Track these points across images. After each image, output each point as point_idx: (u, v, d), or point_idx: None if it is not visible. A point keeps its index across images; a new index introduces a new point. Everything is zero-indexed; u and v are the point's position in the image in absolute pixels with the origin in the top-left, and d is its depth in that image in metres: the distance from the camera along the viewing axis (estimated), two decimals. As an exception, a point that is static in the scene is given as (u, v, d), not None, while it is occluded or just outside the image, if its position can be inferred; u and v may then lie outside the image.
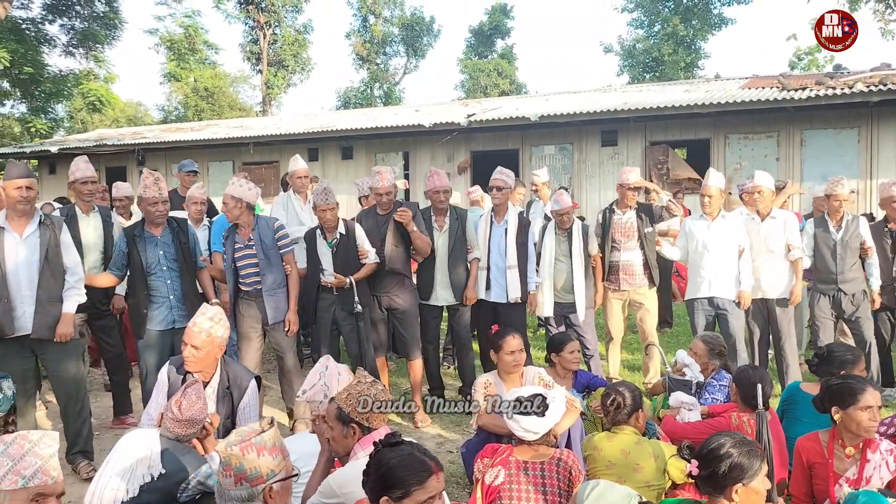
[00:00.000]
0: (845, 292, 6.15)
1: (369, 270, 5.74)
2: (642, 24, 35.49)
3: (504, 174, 6.21)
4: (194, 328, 3.86)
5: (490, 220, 6.27)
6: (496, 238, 6.20)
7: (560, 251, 6.34)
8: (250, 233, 5.32)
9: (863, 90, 12.11)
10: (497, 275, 6.17)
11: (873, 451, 3.24)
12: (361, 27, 39.94)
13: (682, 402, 4.31)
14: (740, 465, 2.56)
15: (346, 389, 2.97)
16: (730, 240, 6.12)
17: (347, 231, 5.71)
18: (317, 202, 5.64)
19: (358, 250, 5.70)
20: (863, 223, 6.23)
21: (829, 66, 23.39)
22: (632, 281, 6.41)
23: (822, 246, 6.25)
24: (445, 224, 6.09)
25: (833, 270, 6.18)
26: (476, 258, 6.16)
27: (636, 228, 6.38)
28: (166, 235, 5.19)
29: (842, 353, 4.29)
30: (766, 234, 6.23)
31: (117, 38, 26.72)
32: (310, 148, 17.12)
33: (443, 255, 6.06)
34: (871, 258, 6.15)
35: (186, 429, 3.23)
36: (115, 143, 19.37)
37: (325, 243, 5.70)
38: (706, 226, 6.18)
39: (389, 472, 2.33)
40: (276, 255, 5.37)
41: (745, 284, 6.09)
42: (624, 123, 14.36)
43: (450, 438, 5.40)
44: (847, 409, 3.27)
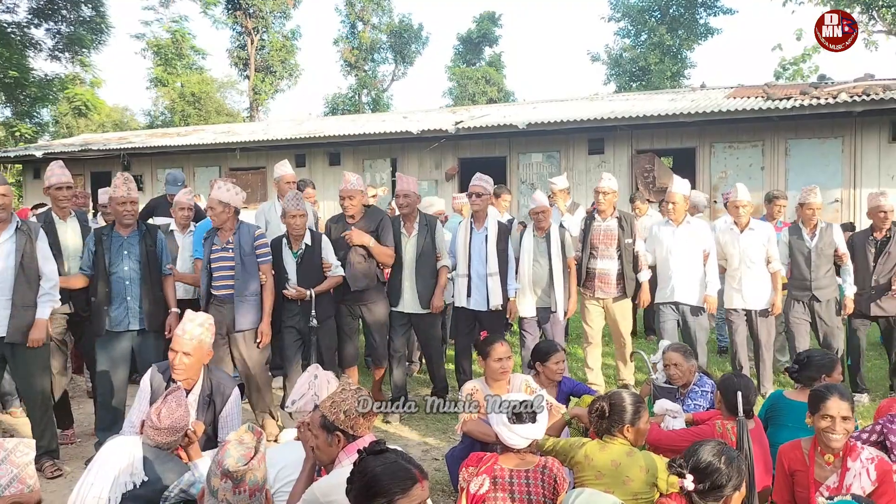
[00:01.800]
0: (819, 299, 6.25)
1: (332, 284, 5.71)
2: (629, 33, 35.68)
3: (483, 180, 6.16)
4: (185, 336, 3.83)
5: (470, 227, 6.22)
6: (476, 245, 6.14)
7: (538, 252, 6.30)
8: (230, 236, 5.32)
9: (846, 100, 12.23)
10: (478, 282, 6.11)
11: (853, 460, 3.24)
12: (349, 33, 39.94)
13: (667, 409, 4.31)
14: (738, 472, 2.59)
15: (331, 397, 2.96)
16: (694, 245, 6.23)
17: (314, 242, 5.68)
18: (286, 207, 5.59)
19: (322, 263, 5.67)
20: (836, 231, 6.33)
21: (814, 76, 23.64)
22: (606, 290, 6.45)
23: (797, 253, 6.35)
24: (414, 230, 6.05)
25: (807, 277, 6.28)
26: (445, 265, 6.12)
27: (616, 237, 6.39)
28: (133, 237, 5.14)
29: (820, 358, 4.36)
30: (745, 245, 6.31)
31: (103, 42, 26.62)
32: (297, 154, 17.08)
33: (410, 261, 6.02)
34: (846, 265, 6.24)
35: (166, 437, 3.19)
36: (101, 147, 19.25)
37: (291, 253, 5.65)
38: (671, 231, 6.33)
39: (374, 480, 2.32)
40: (253, 262, 5.34)
41: (711, 289, 6.20)
42: (611, 132, 14.42)
43: (435, 446, 5.38)
44: (814, 416, 3.31)
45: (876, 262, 6.24)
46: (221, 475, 2.46)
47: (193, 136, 20.49)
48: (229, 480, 2.45)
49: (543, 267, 6.27)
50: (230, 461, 2.47)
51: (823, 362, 4.30)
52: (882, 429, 3.82)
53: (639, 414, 3.51)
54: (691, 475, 2.58)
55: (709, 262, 6.24)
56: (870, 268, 6.26)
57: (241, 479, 2.46)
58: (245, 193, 5.53)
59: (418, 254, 6.00)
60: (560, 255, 6.26)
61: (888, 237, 6.24)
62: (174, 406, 3.23)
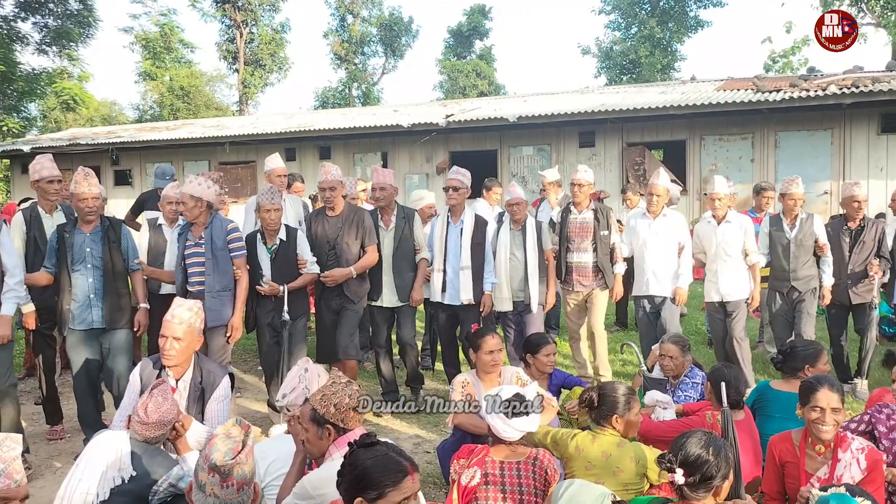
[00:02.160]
0: (798, 290, 6.29)
1: (306, 281, 5.61)
2: (619, 26, 35.72)
3: (460, 174, 6.10)
4: (174, 320, 3.81)
5: (446, 220, 6.15)
6: (452, 239, 6.08)
7: (514, 245, 6.22)
8: (202, 231, 5.21)
9: (836, 92, 12.27)
10: (453, 277, 6.06)
11: (844, 451, 3.25)
12: (339, 27, 39.82)
13: (658, 400, 4.33)
14: (726, 462, 2.59)
15: (321, 391, 2.94)
16: (670, 237, 6.23)
17: (289, 237, 5.57)
18: (261, 202, 5.46)
19: (297, 259, 5.58)
20: (817, 222, 6.34)
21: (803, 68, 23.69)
22: (585, 282, 6.38)
23: (776, 244, 6.39)
24: (392, 223, 5.98)
25: (786, 268, 6.31)
26: (423, 258, 6.07)
27: (591, 230, 6.35)
28: (96, 233, 5.01)
29: (804, 348, 4.38)
30: (721, 238, 6.31)
31: (91, 36, 26.45)
32: (287, 148, 17.02)
33: (388, 254, 5.95)
34: (826, 255, 6.26)
35: (154, 431, 3.17)
36: (89, 142, 19.13)
37: (265, 248, 5.55)
38: (648, 224, 6.32)
39: (364, 472, 2.31)
40: (226, 257, 5.22)
41: (682, 281, 6.21)
42: (601, 125, 14.43)
43: (427, 438, 5.38)
44: (804, 408, 3.32)
45: (851, 251, 6.30)
46: (209, 469, 2.44)
47: (182, 130, 20.39)
48: (217, 475, 2.44)
49: (519, 260, 6.19)
50: (217, 455, 2.45)
51: (808, 352, 4.32)
52: (870, 419, 3.84)
53: (629, 405, 3.53)
54: (681, 469, 2.58)
55: (683, 254, 6.24)
56: (845, 257, 6.31)
57: (228, 473, 2.45)
58: (217, 187, 5.35)
59: (396, 247, 5.94)
60: (535, 248, 6.18)
61: (862, 226, 6.31)
62: (161, 400, 3.21)
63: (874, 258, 6.24)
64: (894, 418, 3.76)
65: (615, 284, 6.41)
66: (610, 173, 14.51)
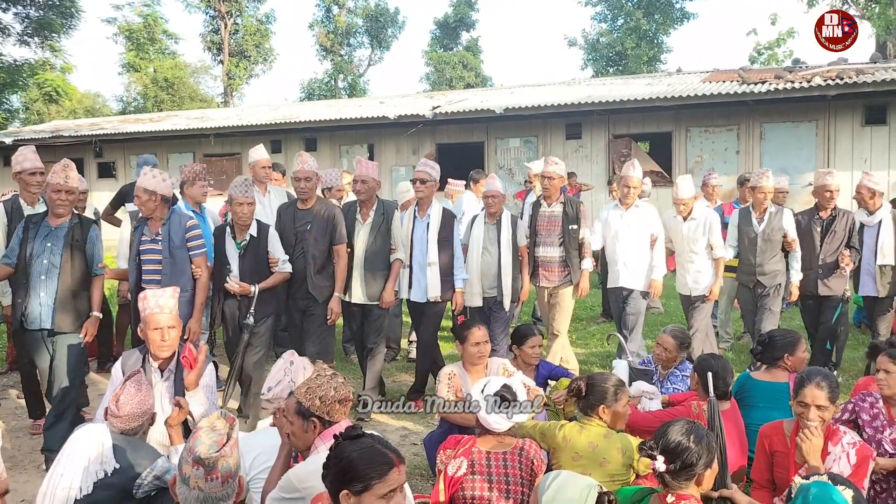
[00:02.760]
0: (763, 284, 6.30)
1: (278, 280, 5.35)
2: (606, 18, 35.73)
3: (428, 166, 5.93)
4: (164, 311, 3.79)
5: (413, 214, 5.97)
6: (418, 234, 5.90)
7: (488, 239, 6.10)
8: (160, 227, 5.00)
9: (820, 84, 12.34)
10: (419, 273, 5.88)
11: (834, 444, 3.26)
12: (325, 18, 39.57)
13: (644, 391, 4.35)
14: (708, 450, 2.60)
15: (306, 384, 2.93)
16: (642, 229, 6.22)
17: (260, 233, 5.30)
18: (232, 194, 5.18)
19: (269, 257, 5.33)
20: (787, 216, 6.34)
21: (789, 60, 23.82)
22: (551, 277, 6.26)
23: (744, 238, 6.40)
24: (370, 217, 5.73)
25: (752, 262, 6.32)
26: (398, 258, 5.81)
27: (560, 223, 6.22)
28: (61, 229, 4.71)
29: (782, 337, 4.41)
30: (687, 234, 6.36)
31: (74, 27, 26.25)
32: (273, 140, 16.93)
33: (361, 250, 5.73)
34: (794, 251, 6.27)
35: (127, 423, 3.14)
36: (72, 134, 18.96)
37: (234, 243, 5.27)
38: (620, 215, 6.30)
39: (350, 465, 2.30)
40: (184, 255, 5.03)
41: (657, 273, 6.23)
42: (588, 116, 14.44)
43: (414, 430, 5.38)
44: (794, 401, 3.33)
45: (822, 242, 6.28)
46: (193, 462, 2.42)
47: (167, 121, 20.23)
48: (201, 467, 2.42)
49: (493, 255, 6.06)
50: (202, 448, 2.43)
51: (786, 341, 4.36)
52: (854, 407, 3.88)
53: (617, 396, 3.53)
54: (662, 456, 2.59)
55: (656, 246, 6.23)
56: (816, 247, 6.28)
57: (213, 466, 2.43)
58: (173, 180, 5.17)
59: (370, 242, 5.72)
60: (510, 243, 6.05)
61: (833, 216, 6.28)
62: (133, 392, 3.17)
63: (845, 249, 6.21)
64: (878, 406, 3.79)
65: (581, 280, 6.25)
66: (596, 165, 14.53)
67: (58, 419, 4.65)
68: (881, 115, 12.69)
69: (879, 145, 12.68)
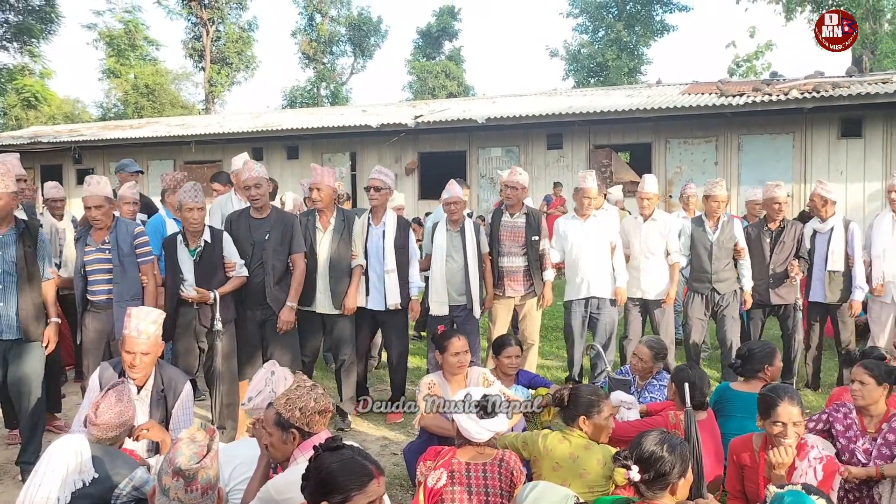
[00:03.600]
0: (719, 292, 6.37)
1: (236, 285, 5.21)
2: (587, 29, 36.07)
3: (382, 173, 5.86)
4: (141, 336, 3.74)
5: (367, 222, 5.89)
6: (374, 241, 5.83)
7: (452, 247, 6.01)
8: (106, 235, 4.89)
9: (797, 97, 12.52)
10: (375, 280, 5.80)
11: (801, 459, 3.29)
12: (308, 26, 39.59)
13: (622, 401, 4.38)
14: (682, 459, 2.63)
15: (285, 394, 2.92)
16: (602, 238, 6.25)
17: (213, 239, 5.16)
18: (182, 199, 5.05)
19: (224, 262, 5.20)
20: (737, 225, 6.48)
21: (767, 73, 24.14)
22: (516, 288, 6.20)
23: (699, 246, 6.45)
24: (330, 226, 5.67)
25: (708, 270, 6.38)
26: (359, 265, 5.77)
27: (523, 234, 6.18)
28: (9, 236, 4.51)
29: (760, 349, 4.46)
30: (646, 235, 6.40)
31: (54, 32, 26.12)
32: (254, 147, 16.88)
33: (324, 259, 5.64)
34: (743, 259, 6.37)
35: (105, 432, 3.12)
36: (51, 140, 18.79)
37: (188, 251, 5.11)
38: (579, 225, 6.32)
39: (329, 476, 2.30)
40: (133, 263, 4.94)
41: (621, 280, 6.27)
42: (569, 127, 14.54)
43: (394, 440, 5.38)
44: (765, 422, 3.36)
45: (772, 252, 6.41)
46: (173, 473, 2.42)
47: (147, 128, 20.11)
48: (181, 479, 2.41)
49: (458, 262, 5.98)
50: (182, 459, 2.43)
51: (764, 353, 4.42)
52: (828, 417, 3.94)
53: (595, 407, 3.56)
54: (636, 466, 2.62)
55: (616, 254, 6.29)
56: (766, 258, 6.41)
57: (193, 477, 2.42)
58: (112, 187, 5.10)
59: (332, 251, 5.64)
60: (475, 250, 6.00)
61: (782, 227, 6.43)
62: (114, 401, 3.15)
63: (794, 259, 6.34)
64: (851, 417, 3.85)
65: (544, 290, 6.23)
66: (577, 175, 14.58)
67: (32, 432, 4.59)
68: (857, 128, 12.89)
69: (855, 157, 12.88)
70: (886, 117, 12.58)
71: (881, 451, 3.64)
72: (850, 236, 6.32)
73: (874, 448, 3.67)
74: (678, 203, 8.91)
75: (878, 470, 3.54)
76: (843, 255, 6.30)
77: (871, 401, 3.75)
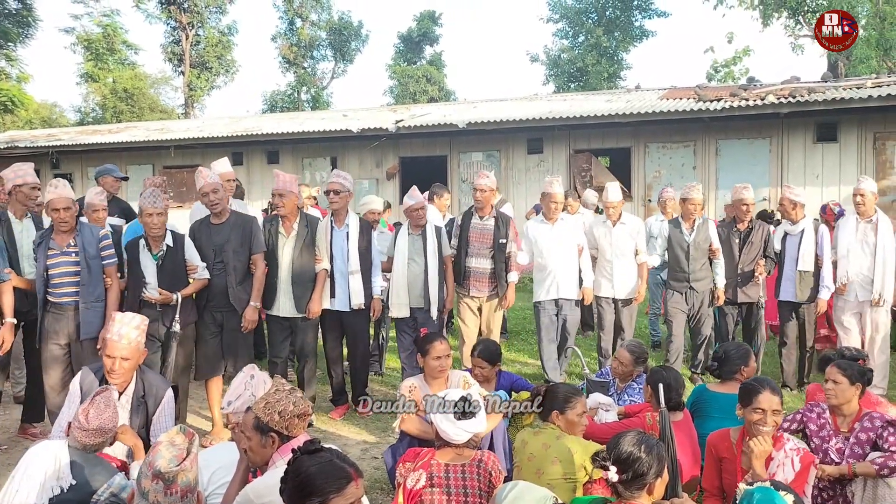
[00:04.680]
0: (696, 290, 6.69)
1: (198, 287, 5.38)
2: (567, 34, 36.25)
3: (341, 177, 5.95)
4: (122, 341, 3.75)
5: (330, 225, 5.98)
6: (338, 243, 5.94)
7: (413, 251, 6.16)
8: (70, 238, 4.96)
9: (774, 102, 12.67)
10: (341, 281, 5.92)
11: (777, 450, 3.41)
12: (288, 30, 39.45)
13: (600, 403, 4.43)
14: (658, 459, 2.68)
15: (264, 398, 2.93)
16: (569, 241, 6.55)
17: (175, 243, 5.30)
18: (142, 205, 5.15)
19: (186, 265, 5.34)
20: (711, 226, 6.81)
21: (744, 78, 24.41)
22: (481, 289, 6.36)
23: (676, 246, 6.78)
24: (293, 230, 5.80)
25: (686, 270, 6.71)
26: (323, 269, 5.87)
27: (492, 236, 6.32)
28: None
29: (736, 350, 4.61)
30: (616, 238, 6.81)
31: (31, 36, 25.87)
32: (234, 152, 16.78)
33: (287, 263, 5.77)
34: (717, 258, 6.71)
35: (94, 438, 3.12)
36: (28, 145, 18.58)
37: (150, 255, 5.23)
38: (547, 229, 6.59)
39: (308, 479, 2.31)
40: (99, 265, 5.03)
41: (587, 281, 6.60)
42: (549, 132, 14.62)
43: (374, 444, 5.39)
44: (745, 409, 3.48)
45: (741, 252, 6.76)
46: (153, 476, 2.42)
47: (126, 133, 19.95)
48: (161, 482, 2.42)
49: (419, 265, 6.12)
50: (162, 462, 2.44)
51: (740, 354, 4.56)
52: (802, 417, 4.01)
53: (567, 402, 3.70)
54: (614, 466, 2.67)
55: (583, 255, 6.61)
56: (735, 257, 6.77)
57: (172, 480, 2.43)
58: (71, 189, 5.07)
59: (295, 256, 5.77)
60: (436, 253, 6.13)
61: (750, 228, 6.78)
62: (102, 406, 3.16)
63: (761, 258, 6.70)
64: (825, 417, 3.93)
65: (508, 292, 6.35)
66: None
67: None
68: (832, 133, 13.07)
69: (831, 162, 13.05)
70: (861, 122, 12.76)
71: (854, 450, 3.71)
72: (820, 238, 6.60)
73: (847, 447, 3.74)
74: (657, 207, 9.00)
75: (851, 468, 3.62)
76: (812, 255, 6.55)
77: (843, 400, 3.83)
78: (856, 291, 6.38)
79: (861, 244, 6.35)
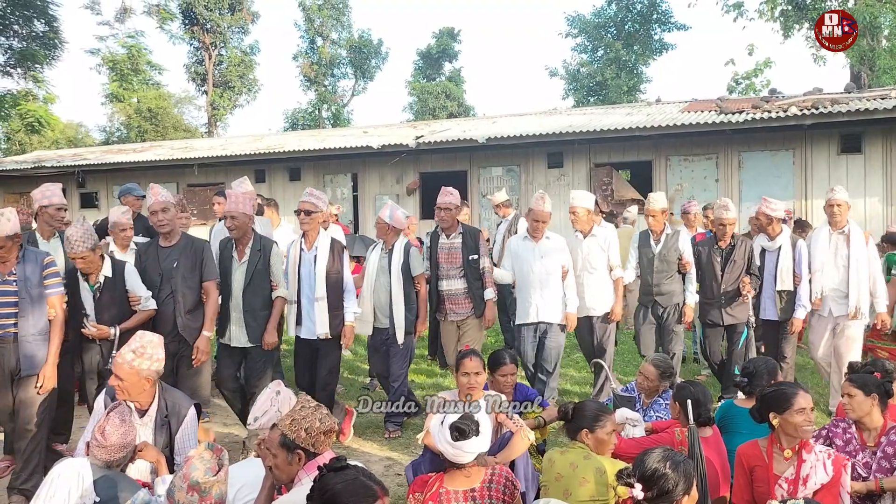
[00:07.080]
0: (661, 305, 6.38)
1: (141, 319, 4.96)
2: (586, 49, 36.30)
3: (314, 196, 5.62)
4: (118, 360, 3.74)
5: (299, 247, 5.66)
6: (306, 267, 5.58)
7: (380, 269, 5.90)
8: (13, 266, 4.51)
9: (797, 113, 12.56)
10: (308, 308, 5.54)
11: (808, 452, 3.40)
12: (309, 49, 39.92)
13: (627, 418, 4.37)
14: (685, 477, 2.63)
15: (290, 415, 2.92)
16: (554, 261, 6.12)
17: (115, 272, 4.93)
18: (67, 250, 4.83)
19: (129, 296, 4.98)
20: (683, 238, 6.44)
21: (766, 90, 24.26)
22: (458, 310, 6.12)
23: (643, 259, 6.50)
24: (245, 255, 5.35)
25: (650, 283, 6.41)
26: (280, 297, 5.45)
27: (460, 255, 6.07)
28: None
29: (765, 364, 4.54)
30: (587, 251, 6.33)
31: (57, 57, 26.29)
32: (257, 169, 16.96)
33: (238, 290, 5.34)
34: (689, 272, 6.37)
35: (114, 454, 3.14)
36: (54, 164, 18.87)
37: (88, 286, 4.90)
38: (532, 247, 6.19)
39: (334, 497, 2.30)
40: (41, 295, 4.57)
41: (571, 306, 6.16)
42: (569, 146, 14.59)
43: (398, 460, 5.36)
44: (783, 414, 3.43)
45: (723, 271, 6.36)
46: (188, 488, 2.44)
47: (150, 152, 20.22)
48: (196, 493, 2.44)
49: (384, 285, 5.85)
50: (198, 473, 2.46)
51: (769, 368, 4.49)
52: (828, 433, 3.96)
53: (597, 421, 3.59)
54: (639, 484, 2.63)
55: (568, 278, 6.17)
56: (717, 276, 6.37)
57: (208, 491, 2.45)
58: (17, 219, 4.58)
59: (247, 282, 5.32)
60: (400, 273, 5.81)
61: (732, 245, 6.38)
62: (118, 422, 3.18)
63: (745, 276, 6.29)
64: (850, 432, 3.89)
65: (486, 311, 6.12)
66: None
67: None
68: (856, 144, 12.92)
69: (855, 174, 12.89)
70: (885, 133, 12.61)
71: (881, 464, 3.65)
72: (798, 255, 6.25)
73: (874, 462, 3.68)
74: (680, 220, 8.92)
75: (878, 484, 3.56)
76: (790, 273, 6.23)
77: (862, 413, 3.79)
78: (829, 306, 6.12)
79: (833, 256, 6.07)
